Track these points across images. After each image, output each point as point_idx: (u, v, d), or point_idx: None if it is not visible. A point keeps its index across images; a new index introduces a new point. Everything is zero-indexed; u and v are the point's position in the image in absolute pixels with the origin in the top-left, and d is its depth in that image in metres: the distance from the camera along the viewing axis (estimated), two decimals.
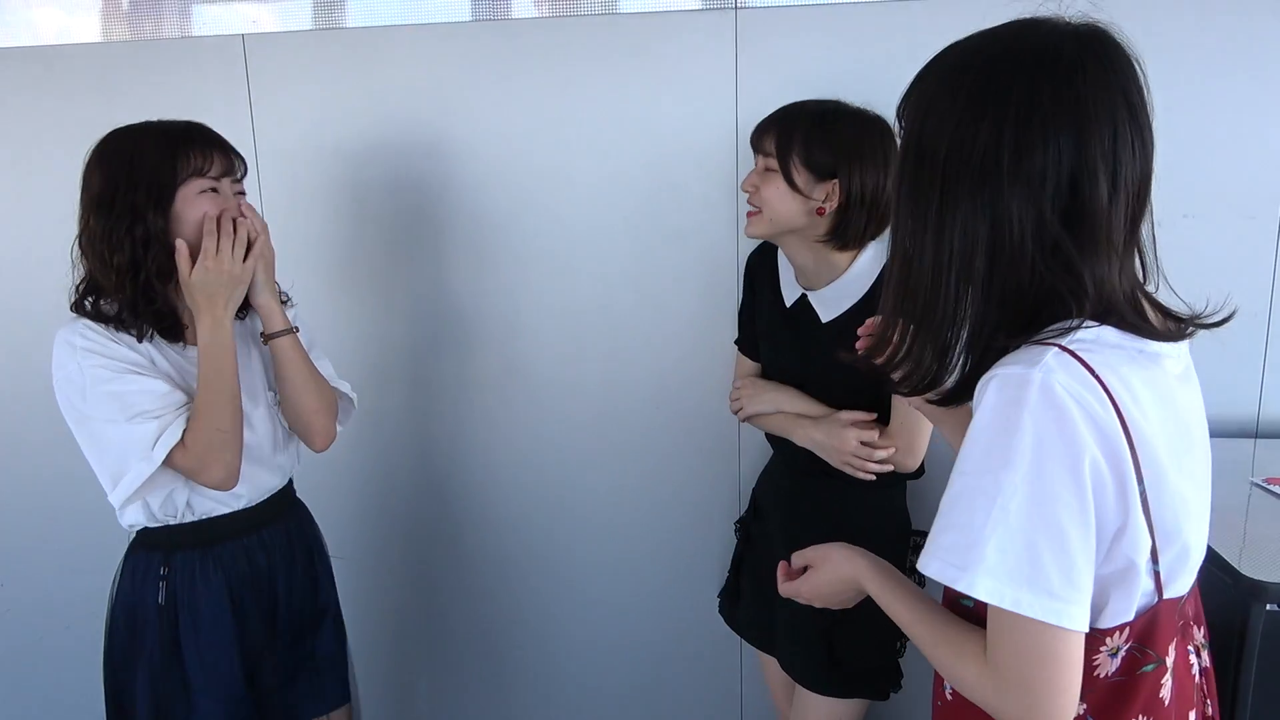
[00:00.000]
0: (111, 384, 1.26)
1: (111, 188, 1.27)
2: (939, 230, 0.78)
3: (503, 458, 1.96)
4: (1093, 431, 0.73)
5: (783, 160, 1.39)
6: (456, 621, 2.07)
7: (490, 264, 1.86)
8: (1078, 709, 0.80)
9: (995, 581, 0.74)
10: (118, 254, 1.26)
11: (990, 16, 1.65)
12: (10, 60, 1.88)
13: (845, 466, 1.44)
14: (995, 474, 0.73)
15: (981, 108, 0.76)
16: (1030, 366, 0.74)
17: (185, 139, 1.30)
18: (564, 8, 1.75)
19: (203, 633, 1.37)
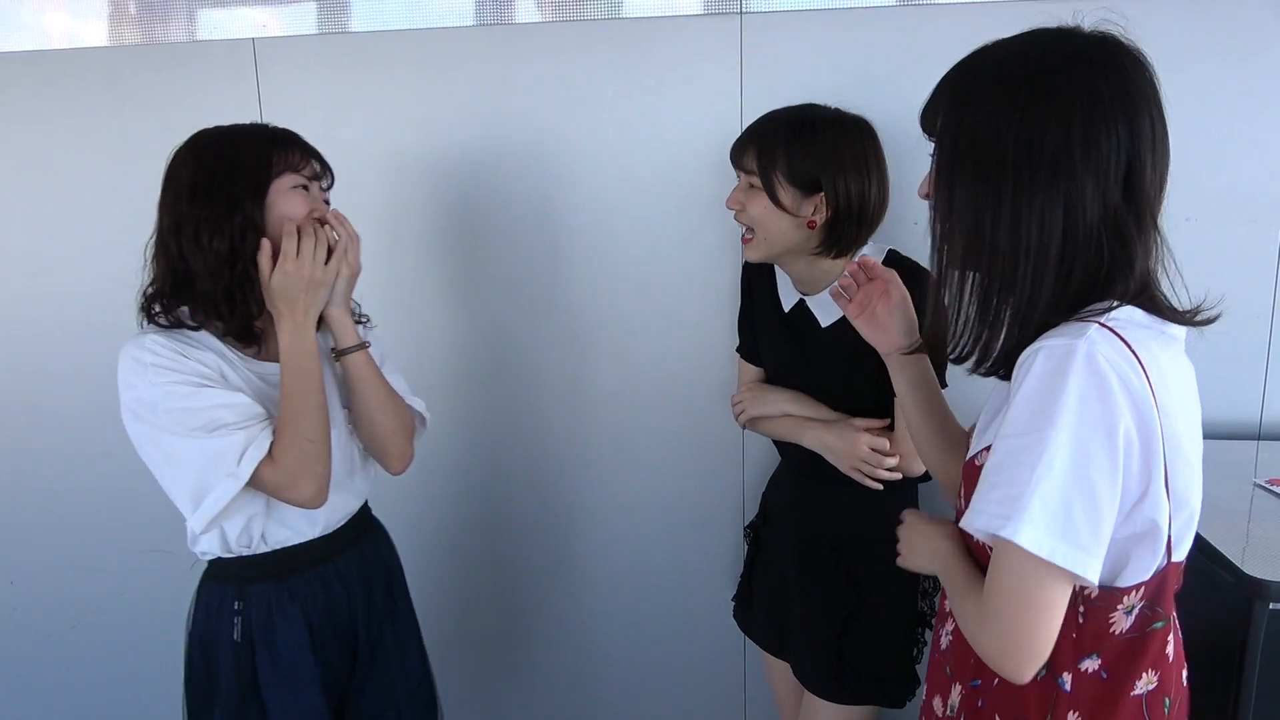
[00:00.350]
0: (188, 399, 1.17)
1: (208, 176, 1.21)
2: (1014, 219, 0.84)
3: (508, 459, 1.97)
4: (1128, 401, 0.80)
5: (766, 179, 1.36)
6: (456, 622, 2.08)
7: (493, 266, 1.87)
8: (1092, 665, 0.89)
9: (1036, 531, 0.79)
10: (217, 239, 1.20)
11: (990, 22, 1.67)
12: (23, 63, 1.89)
13: (854, 472, 1.43)
14: (1041, 433, 0.79)
15: (1046, 104, 0.82)
16: (1076, 339, 0.80)
17: (284, 138, 1.28)
18: (568, 12, 1.77)
19: (281, 669, 1.29)
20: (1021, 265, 0.85)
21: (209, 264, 1.20)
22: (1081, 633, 0.90)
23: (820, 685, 1.52)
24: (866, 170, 1.37)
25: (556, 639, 2.06)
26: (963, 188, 0.87)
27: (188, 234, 1.20)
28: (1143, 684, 0.91)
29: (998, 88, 0.85)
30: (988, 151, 0.85)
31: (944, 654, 1.07)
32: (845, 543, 1.49)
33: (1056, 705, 0.91)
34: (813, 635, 1.51)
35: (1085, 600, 0.89)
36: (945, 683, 1.05)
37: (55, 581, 2.15)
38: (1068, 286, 0.85)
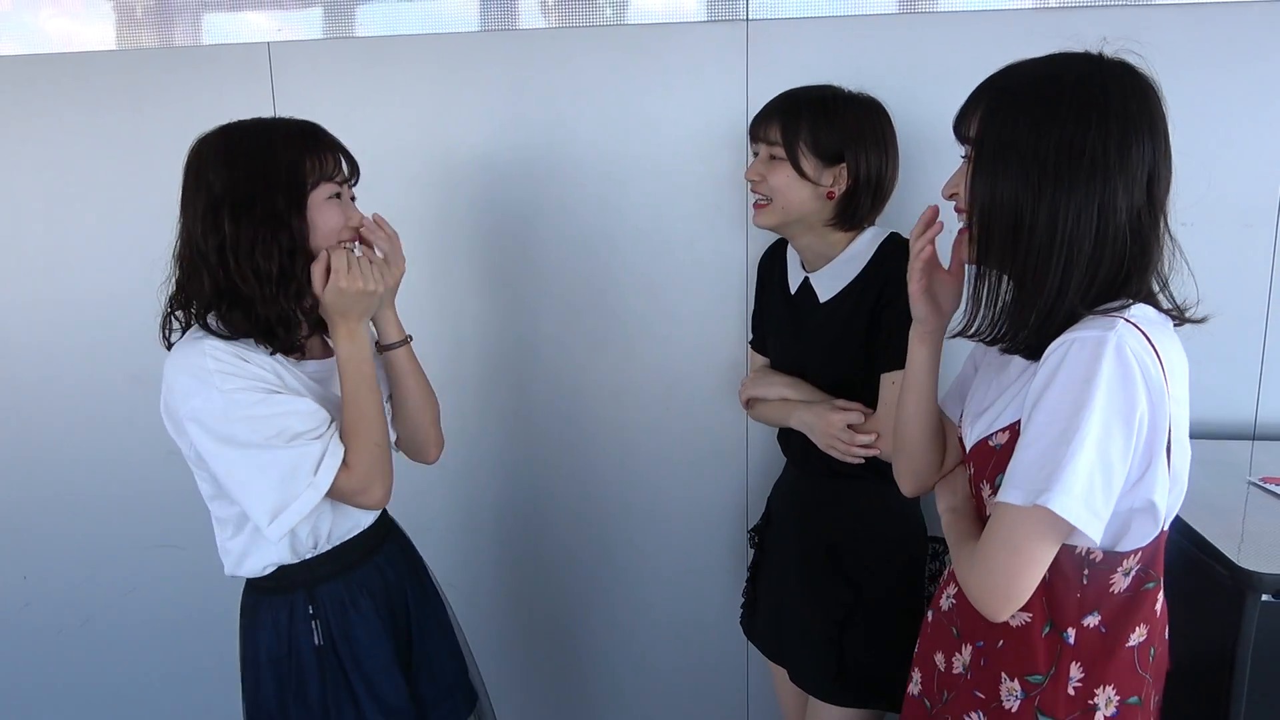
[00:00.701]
0: (257, 406, 1.16)
1: (246, 191, 1.17)
2: (1051, 216, 0.94)
3: (516, 457, 2.00)
4: (1146, 390, 0.90)
5: (790, 148, 1.40)
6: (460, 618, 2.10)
7: (500, 267, 1.90)
8: (1093, 621, 1.01)
9: (1068, 499, 0.89)
10: (266, 261, 1.17)
11: (991, 30, 1.71)
12: (42, 67, 1.93)
13: (830, 450, 1.45)
14: (1074, 416, 0.89)
15: (1087, 117, 0.92)
16: (1106, 331, 0.90)
17: (311, 138, 1.24)
18: (573, 18, 1.80)
19: (364, 662, 1.30)
20: (1055, 258, 0.94)
21: (262, 288, 1.18)
22: (1085, 593, 1.00)
23: (821, 688, 1.52)
24: (884, 146, 1.43)
25: (552, 636, 2.08)
26: (1004, 187, 0.96)
27: (236, 254, 1.17)
28: (1135, 637, 1.02)
29: (1040, 100, 0.95)
30: (1030, 155, 0.94)
31: (948, 614, 1.15)
32: (842, 543, 1.50)
33: (1061, 657, 1.01)
34: (812, 638, 1.52)
35: (1089, 564, 0.99)
36: (952, 642, 1.13)
37: (67, 578, 2.18)
38: (1094, 280, 0.95)
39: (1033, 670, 1.02)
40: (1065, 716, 1.02)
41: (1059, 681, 1.01)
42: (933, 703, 1.17)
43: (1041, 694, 1.02)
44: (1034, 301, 0.96)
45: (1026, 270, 0.96)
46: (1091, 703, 1.02)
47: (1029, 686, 1.03)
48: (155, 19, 1.90)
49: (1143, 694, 1.04)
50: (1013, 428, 1.01)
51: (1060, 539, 0.96)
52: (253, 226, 1.17)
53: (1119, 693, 1.02)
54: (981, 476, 1.06)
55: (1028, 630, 1.02)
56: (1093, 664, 1.01)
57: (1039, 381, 0.93)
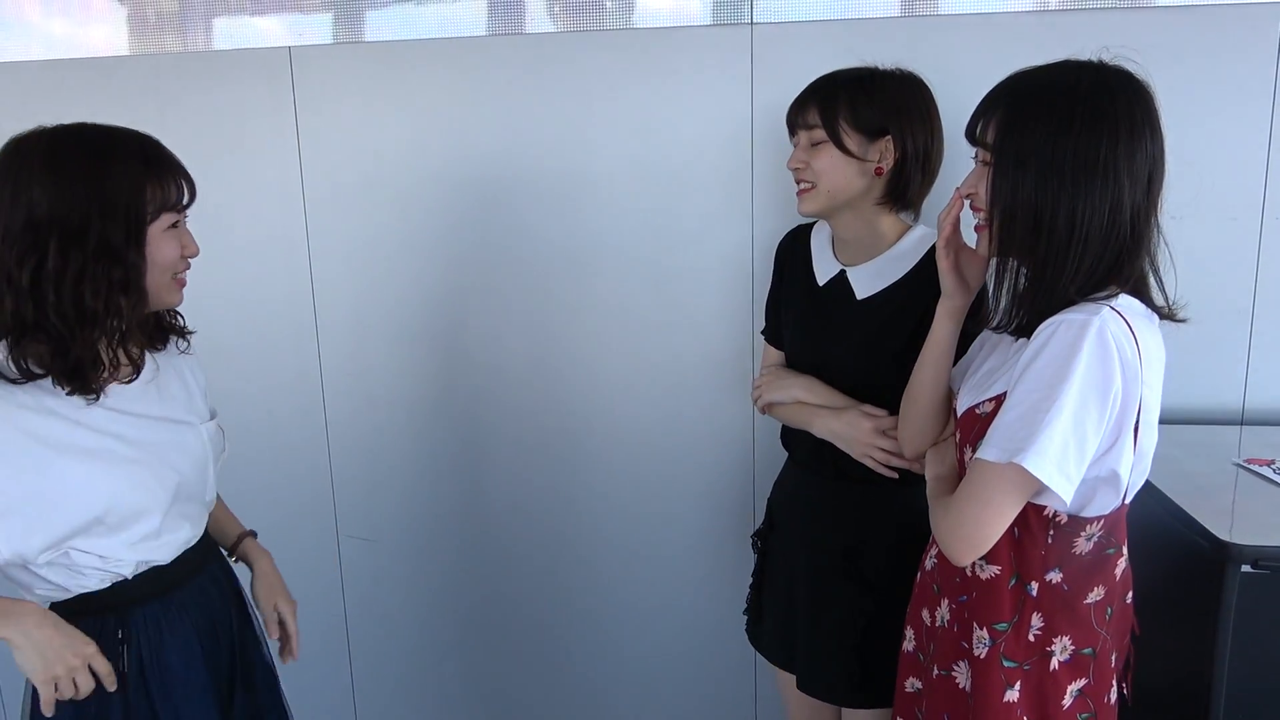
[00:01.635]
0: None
1: (81, 218, 1.05)
2: (1071, 213, 1.03)
3: (530, 458, 2.05)
4: (1122, 370, 1.00)
5: (830, 127, 1.36)
6: (463, 623, 2.15)
7: (509, 267, 1.95)
8: (1056, 577, 1.11)
9: (1042, 460, 0.99)
10: (97, 300, 1.07)
11: (992, 33, 1.77)
12: (67, 71, 1.99)
13: (866, 459, 1.40)
14: (1055, 387, 0.99)
15: (1098, 122, 1.02)
16: (1091, 315, 1.00)
17: (153, 159, 1.13)
18: (580, 22, 1.85)
19: (175, 691, 1.20)
20: (1073, 250, 1.04)
21: (80, 328, 1.07)
22: (1049, 551, 1.11)
23: (843, 696, 1.49)
24: (929, 119, 1.39)
25: (565, 639, 2.12)
26: (1024, 191, 1.05)
27: (58, 286, 1.05)
28: (1093, 596, 1.13)
29: (1055, 110, 1.04)
30: (1048, 162, 1.03)
31: (930, 574, 1.26)
32: (856, 546, 1.46)
33: (1024, 607, 1.13)
34: (829, 644, 1.47)
35: (1055, 526, 1.09)
36: (934, 599, 1.24)
37: None
38: (1097, 268, 1.05)
39: (999, 619, 1.13)
40: (1025, 660, 1.13)
41: (1021, 629, 1.13)
42: (925, 656, 1.27)
43: (1005, 640, 1.13)
44: (1047, 290, 1.06)
45: (1047, 263, 1.05)
46: (1049, 649, 1.13)
47: (995, 634, 1.13)
48: (176, 24, 1.97)
49: (1097, 647, 1.15)
50: (999, 398, 1.09)
51: (1026, 497, 1.07)
52: (82, 258, 1.05)
53: (1074, 643, 1.13)
54: (966, 441, 1.16)
55: (996, 582, 1.13)
56: (1052, 615, 1.12)
57: (1027, 355, 1.04)
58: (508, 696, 2.19)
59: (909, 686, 1.32)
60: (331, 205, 1.99)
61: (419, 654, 2.19)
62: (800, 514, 1.55)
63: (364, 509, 2.13)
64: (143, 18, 1.98)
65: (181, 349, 1.32)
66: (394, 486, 2.10)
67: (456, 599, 2.14)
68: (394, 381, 2.05)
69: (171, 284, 1.18)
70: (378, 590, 2.17)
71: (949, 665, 1.20)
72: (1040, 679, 1.13)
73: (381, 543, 2.14)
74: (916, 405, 1.30)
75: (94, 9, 1.99)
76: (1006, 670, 1.12)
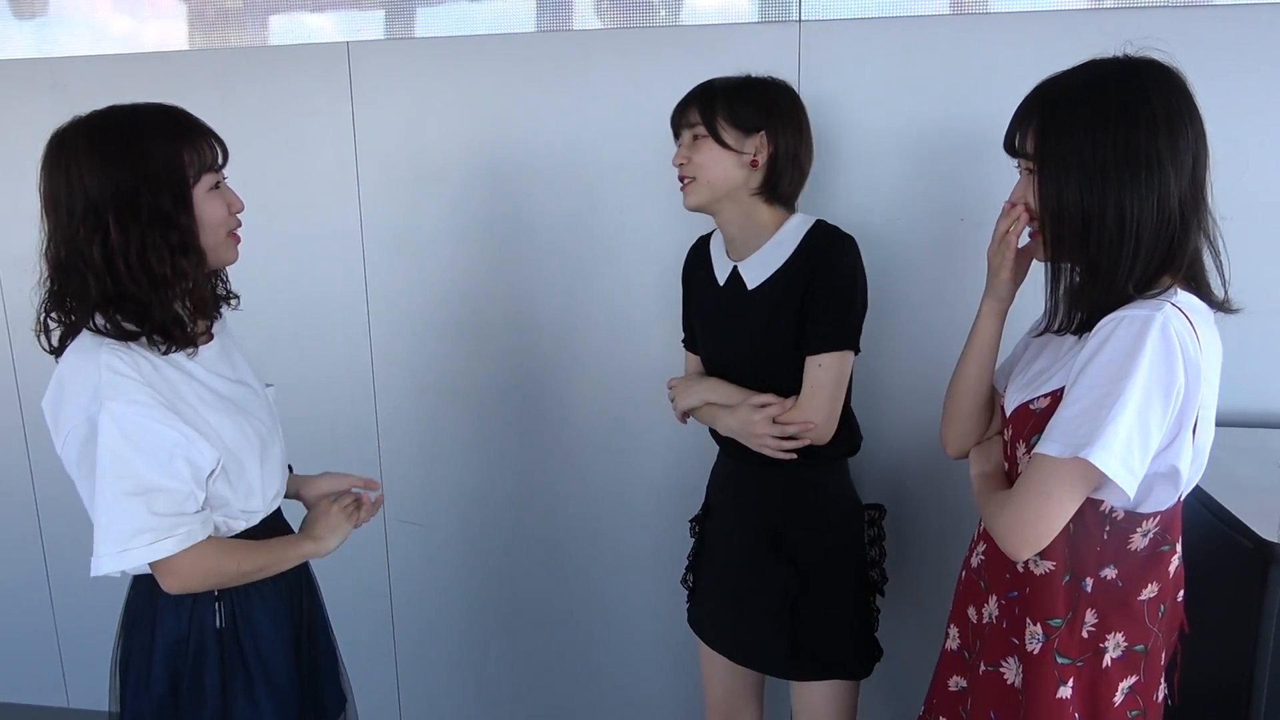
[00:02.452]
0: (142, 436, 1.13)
1: (130, 192, 1.13)
2: (1119, 209, 1.03)
3: (577, 440, 2.09)
4: (1185, 367, 1.00)
5: (709, 123, 1.45)
6: (510, 602, 2.20)
7: (562, 256, 1.99)
8: (1110, 573, 1.11)
9: (1107, 454, 1.00)
10: (162, 265, 1.15)
11: (1041, 30, 1.77)
12: (140, 65, 2.07)
13: (763, 449, 1.47)
14: (1120, 382, 0.99)
15: (1135, 115, 1.02)
16: (1154, 311, 1.00)
17: (184, 128, 1.19)
18: (627, 19, 1.87)
19: (262, 646, 1.29)
20: (1125, 248, 1.04)
21: (157, 291, 1.15)
22: (1105, 547, 1.11)
23: (777, 666, 1.56)
24: (799, 124, 1.49)
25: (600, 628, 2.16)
26: (1070, 193, 1.05)
27: (125, 259, 1.13)
28: (1147, 592, 1.13)
29: (1089, 108, 1.04)
30: (1090, 161, 1.03)
31: (976, 571, 1.26)
32: (782, 528, 1.53)
33: (1078, 603, 1.13)
34: (762, 621, 1.54)
35: (1111, 522, 1.09)
36: (981, 595, 1.24)
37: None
38: (1151, 261, 1.04)
39: (1053, 614, 1.13)
40: (1078, 656, 1.13)
41: (1075, 625, 1.13)
42: (971, 653, 1.27)
43: (1060, 636, 1.13)
44: (1104, 287, 1.06)
45: (1100, 261, 1.05)
46: (1102, 645, 1.13)
47: (1049, 630, 1.13)
48: (236, 20, 2.03)
49: (1149, 644, 1.15)
50: (1055, 394, 1.09)
51: (1086, 491, 1.06)
52: (140, 230, 1.13)
53: (1127, 639, 1.14)
54: (1019, 437, 1.16)
55: (1050, 578, 1.13)
56: (1106, 612, 1.12)
57: (1087, 350, 1.04)
58: (550, 685, 2.24)
59: (952, 685, 1.32)
60: (385, 197, 2.04)
61: (464, 637, 2.25)
62: (731, 499, 1.63)
63: (416, 496, 2.18)
64: (203, 14, 2.05)
65: (233, 307, 1.39)
66: (443, 475, 2.15)
67: (501, 585, 2.19)
68: (443, 371, 2.09)
69: (227, 240, 1.25)
70: (425, 574, 2.22)
71: (996, 661, 1.20)
72: (1093, 676, 1.13)
73: (431, 528, 2.19)
74: (961, 405, 1.30)
75: (160, 6, 2.07)
76: (1060, 666, 1.12)
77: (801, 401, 1.46)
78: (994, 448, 1.27)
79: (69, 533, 2.39)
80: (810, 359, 1.45)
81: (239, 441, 1.24)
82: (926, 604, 1.92)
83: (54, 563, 2.43)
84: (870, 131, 1.80)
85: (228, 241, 1.26)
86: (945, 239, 1.81)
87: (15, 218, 2.20)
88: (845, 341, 1.46)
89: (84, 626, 2.45)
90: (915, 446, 1.90)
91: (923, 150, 1.79)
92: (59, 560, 2.42)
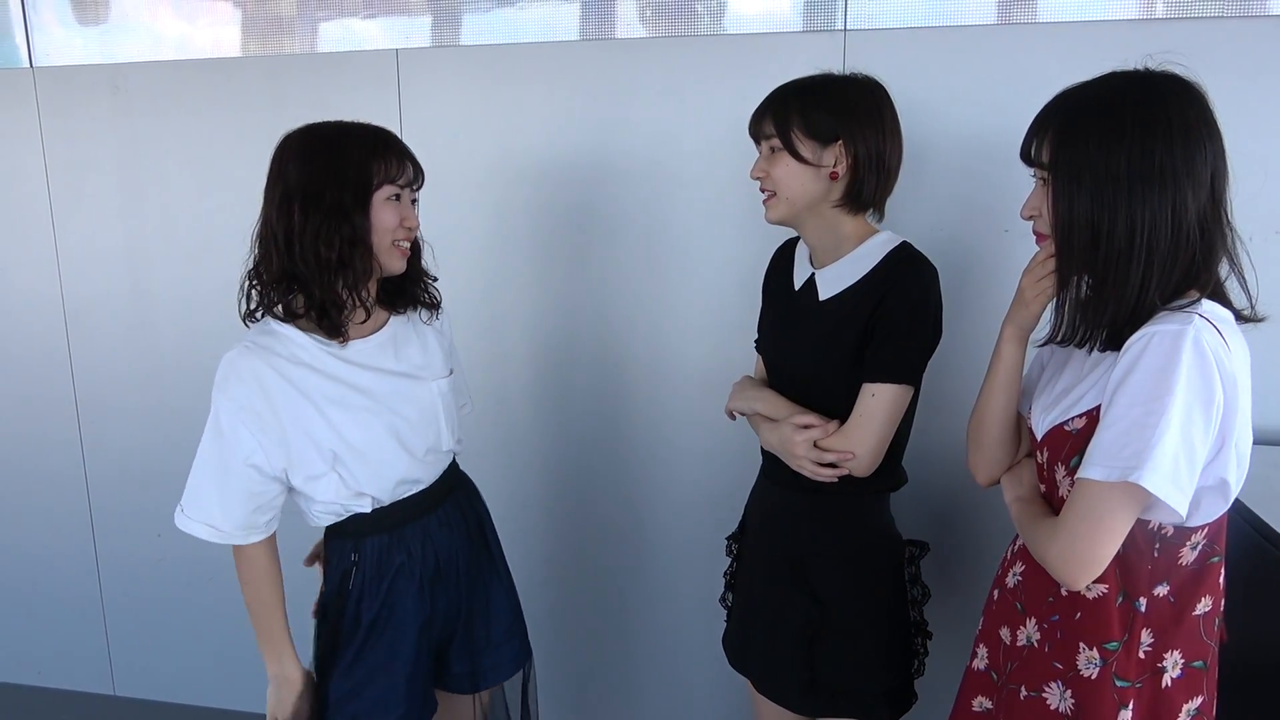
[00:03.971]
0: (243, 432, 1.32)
1: (319, 184, 1.29)
2: (1130, 223, 1.02)
3: (636, 444, 2.10)
4: (1221, 378, 0.99)
5: (784, 136, 1.38)
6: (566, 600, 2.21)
7: (606, 263, 2.00)
8: (1163, 590, 1.09)
9: (1157, 476, 0.98)
10: (327, 250, 1.29)
11: (1086, 41, 1.75)
12: (195, 70, 2.13)
13: (800, 469, 1.41)
14: (1158, 400, 0.98)
15: (1152, 129, 1.01)
16: (1184, 325, 0.99)
17: (382, 143, 1.35)
18: (671, 28, 1.88)
19: (387, 613, 1.43)
20: (1135, 262, 1.02)
21: (320, 273, 1.30)
22: (1156, 565, 1.09)
23: (790, 699, 1.49)
24: (881, 123, 1.39)
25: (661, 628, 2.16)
26: (1080, 204, 1.04)
27: (301, 240, 1.29)
28: (1201, 606, 1.11)
29: (1107, 120, 1.03)
30: (1103, 171, 1.02)
31: (1013, 591, 1.23)
32: (807, 557, 1.47)
33: (1134, 624, 1.10)
34: (779, 649, 1.49)
35: (1161, 539, 1.07)
36: (1017, 617, 1.21)
37: (194, 538, 2.36)
38: (1171, 276, 1.03)
39: (1109, 638, 1.11)
40: (1136, 678, 1.11)
41: (1131, 647, 1.10)
42: (999, 675, 1.24)
43: (1117, 660, 1.10)
44: (1113, 301, 1.04)
45: (1108, 274, 1.04)
46: (1160, 665, 1.11)
47: (1106, 654, 1.11)
48: (288, 27, 2.08)
49: (1207, 659, 1.13)
50: (1090, 414, 1.08)
51: (1136, 513, 1.04)
52: (319, 217, 1.28)
53: (1184, 656, 1.11)
54: (1056, 460, 1.14)
55: (1103, 601, 1.11)
56: (1162, 631, 1.10)
57: (1119, 370, 1.02)
58: (594, 694, 2.24)
59: (976, 706, 1.29)
60: (431, 203, 2.05)
61: None
62: (763, 520, 1.57)
63: None
64: (256, 21, 2.10)
65: (425, 319, 1.53)
66: (484, 481, 2.16)
67: (544, 592, 2.19)
68: (485, 377, 2.11)
69: (392, 249, 1.37)
70: None
71: (1039, 686, 1.16)
72: (1153, 697, 1.11)
73: None
74: (989, 433, 1.28)
75: (215, 13, 2.12)
76: (1119, 690, 1.10)
77: (846, 428, 1.38)
78: (1026, 471, 1.25)
79: (118, 522, 2.46)
80: (866, 386, 1.37)
81: (360, 436, 1.38)
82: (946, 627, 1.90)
83: (103, 552, 2.49)
84: (914, 142, 1.75)
85: (393, 250, 1.37)
86: (989, 251, 1.79)
87: (77, 214, 2.28)
88: (903, 375, 1.37)
89: (132, 615, 2.52)
90: (954, 470, 1.87)
91: (967, 160, 1.77)
92: (109, 550, 2.49)
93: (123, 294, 2.29)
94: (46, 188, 2.27)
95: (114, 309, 2.31)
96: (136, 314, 2.31)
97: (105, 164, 2.22)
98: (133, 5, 2.17)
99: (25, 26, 2.23)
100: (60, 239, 2.30)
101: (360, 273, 1.33)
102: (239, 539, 1.36)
